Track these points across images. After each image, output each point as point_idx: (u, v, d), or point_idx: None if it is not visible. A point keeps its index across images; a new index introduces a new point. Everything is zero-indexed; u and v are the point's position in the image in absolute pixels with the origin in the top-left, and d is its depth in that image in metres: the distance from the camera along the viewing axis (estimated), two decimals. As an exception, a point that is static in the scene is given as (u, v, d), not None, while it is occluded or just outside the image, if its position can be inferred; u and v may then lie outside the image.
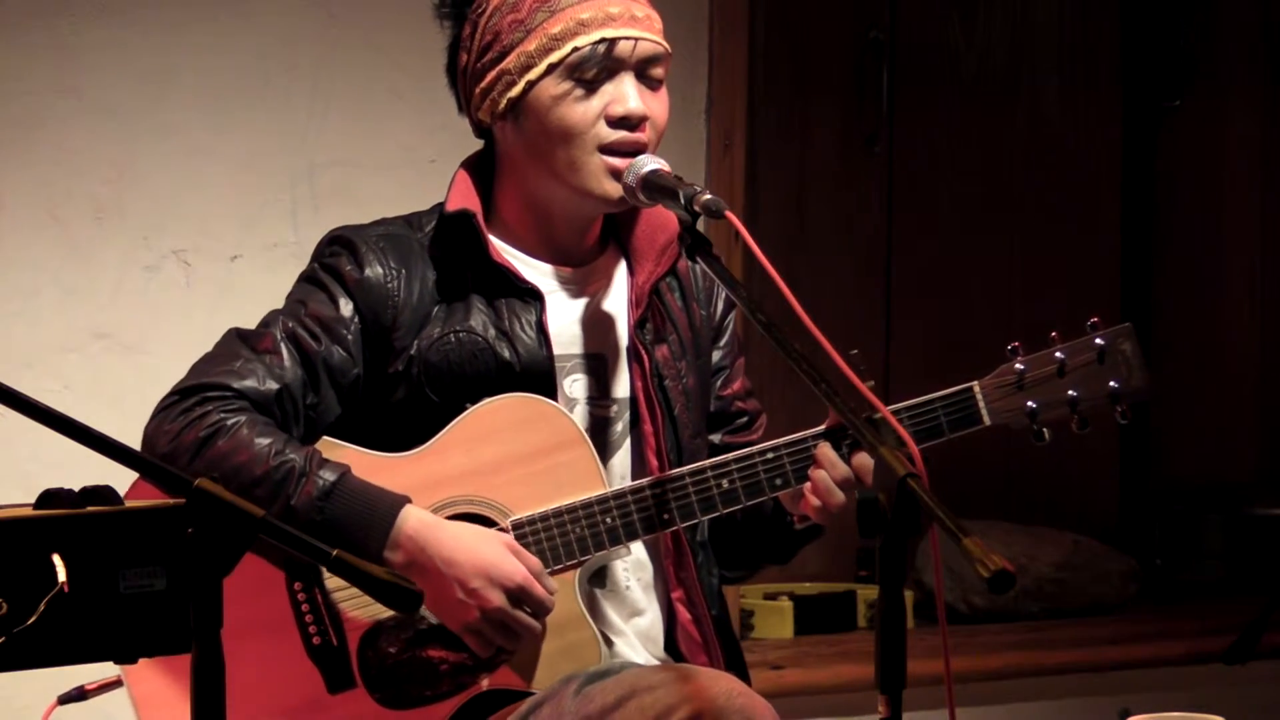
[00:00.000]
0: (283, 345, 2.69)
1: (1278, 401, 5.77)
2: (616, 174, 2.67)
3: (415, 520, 2.61)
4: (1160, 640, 4.85)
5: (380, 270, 2.72)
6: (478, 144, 2.84)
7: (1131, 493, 5.69)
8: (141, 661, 2.53)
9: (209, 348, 2.75)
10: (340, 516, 2.59)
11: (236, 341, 2.71)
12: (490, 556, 2.61)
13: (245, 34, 4.01)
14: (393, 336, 2.71)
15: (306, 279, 2.78)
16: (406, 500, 2.63)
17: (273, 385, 2.66)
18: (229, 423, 2.61)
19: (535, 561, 2.64)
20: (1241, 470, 5.76)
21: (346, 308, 2.71)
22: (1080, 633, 4.87)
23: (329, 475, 2.60)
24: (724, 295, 2.91)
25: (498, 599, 2.60)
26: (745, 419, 2.93)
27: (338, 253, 2.75)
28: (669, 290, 2.84)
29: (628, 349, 2.80)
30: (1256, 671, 4.68)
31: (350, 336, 2.71)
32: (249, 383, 2.66)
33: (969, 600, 4.94)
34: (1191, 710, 2.93)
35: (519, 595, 2.61)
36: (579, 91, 2.67)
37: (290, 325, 2.71)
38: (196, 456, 2.60)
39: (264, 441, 2.60)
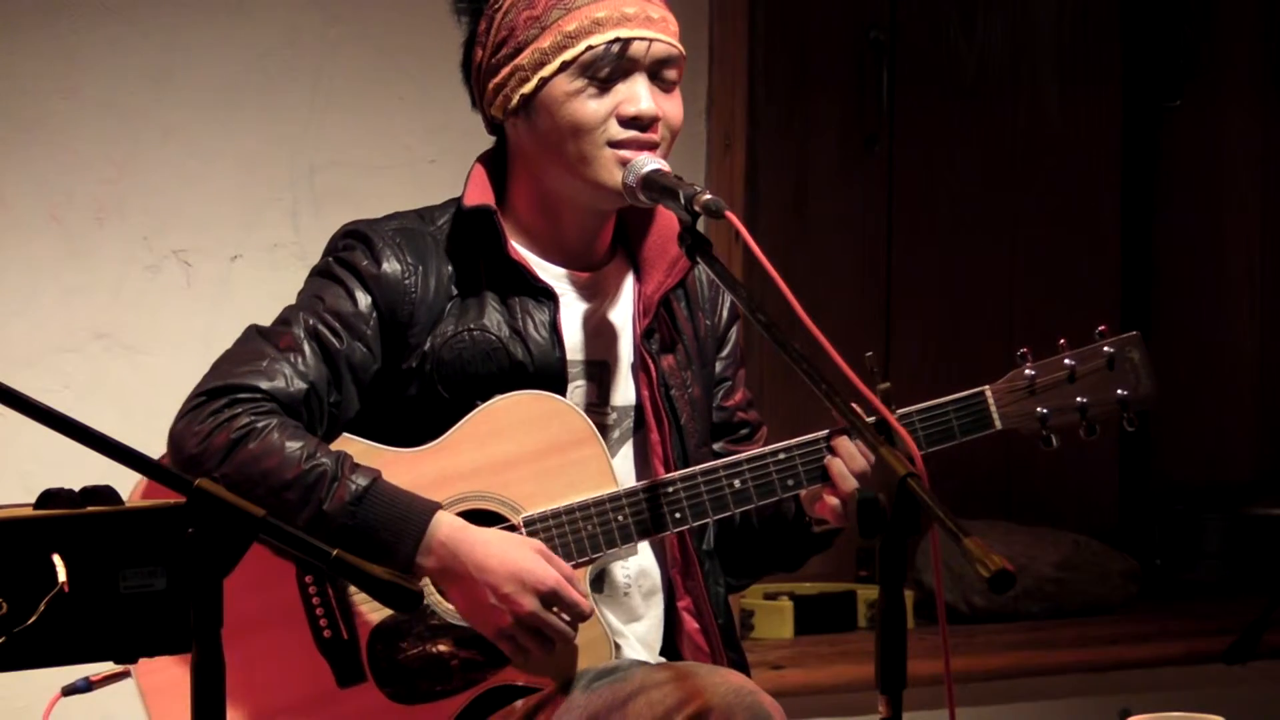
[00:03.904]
0: (305, 343, 2.66)
1: (1278, 401, 5.78)
2: (626, 165, 2.66)
3: (447, 526, 2.60)
4: (1160, 640, 4.85)
5: (398, 266, 2.70)
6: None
7: (1131, 493, 5.69)
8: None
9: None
10: (372, 521, 2.57)
11: (258, 339, 2.69)
12: (522, 562, 2.60)
13: (245, 34, 4.01)
14: (409, 333, 2.70)
15: (321, 273, 2.75)
16: (438, 506, 2.61)
17: (300, 385, 2.64)
18: (259, 425, 2.59)
19: (566, 567, 2.63)
20: (1241, 470, 5.76)
21: (364, 303, 2.69)
22: (1080, 633, 4.87)
23: (361, 480, 2.59)
24: (728, 305, 2.90)
25: (530, 604, 2.59)
26: (747, 430, 2.93)
27: (353, 246, 2.73)
28: (676, 300, 2.83)
29: (632, 358, 2.79)
30: (1256, 671, 4.68)
31: (370, 332, 2.69)
32: (277, 383, 2.63)
33: (969, 600, 4.94)
34: (1191, 710, 2.93)
35: (552, 599, 2.60)
36: (591, 89, 2.66)
37: (311, 323, 2.68)
38: (226, 459, 2.57)
39: (295, 445, 2.58)
